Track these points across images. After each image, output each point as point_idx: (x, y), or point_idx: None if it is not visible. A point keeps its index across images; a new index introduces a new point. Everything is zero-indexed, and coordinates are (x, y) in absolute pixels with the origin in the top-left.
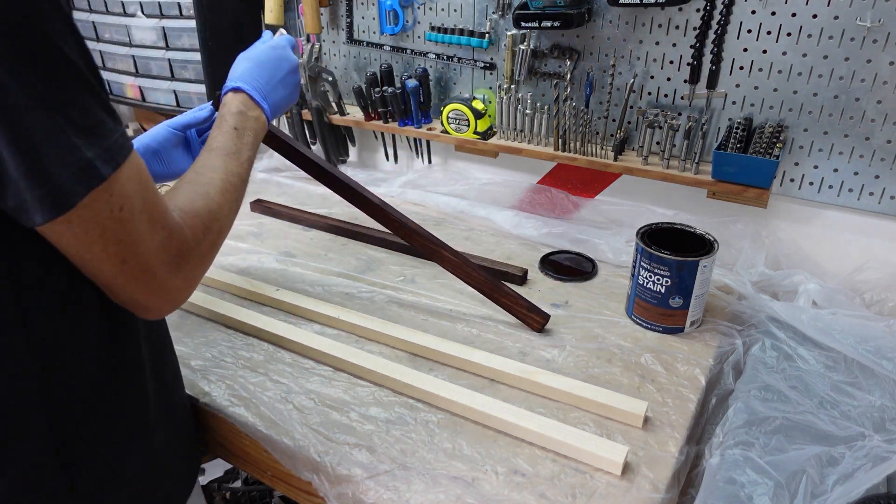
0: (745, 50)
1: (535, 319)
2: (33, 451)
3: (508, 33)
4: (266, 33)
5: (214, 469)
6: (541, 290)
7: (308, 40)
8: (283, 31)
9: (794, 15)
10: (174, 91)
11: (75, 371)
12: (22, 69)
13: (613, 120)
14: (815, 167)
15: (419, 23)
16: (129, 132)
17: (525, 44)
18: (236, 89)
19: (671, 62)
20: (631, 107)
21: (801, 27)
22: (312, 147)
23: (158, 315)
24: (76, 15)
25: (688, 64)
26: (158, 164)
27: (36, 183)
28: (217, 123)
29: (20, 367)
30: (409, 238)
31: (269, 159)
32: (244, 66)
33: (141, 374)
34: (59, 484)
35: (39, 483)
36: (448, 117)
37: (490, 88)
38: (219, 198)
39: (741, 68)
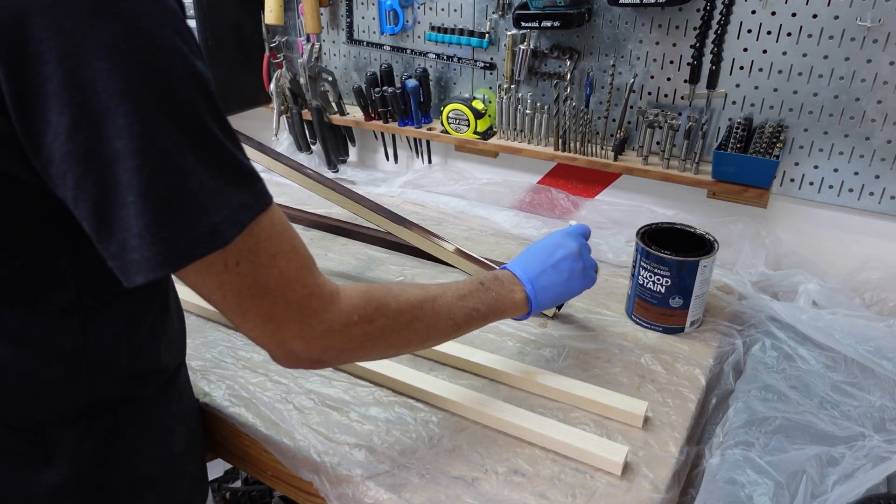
0: (745, 50)
1: None
2: (75, 450)
3: (508, 33)
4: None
5: (214, 469)
6: None
7: (308, 40)
8: (572, 221)
9: (794, 15)
10: None
11: (103, 374)
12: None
13: (613, 120)
14: (816, 167)
15: (419, 23)
16: None
17: (525, 44)
18: (505, 268)
19: (671, 62)
20: (631, 107)
21: (801, 27)
22: (312, 147)
23: (286, 366)
24: None
25: (688, 64)
26: None
27: (149, 241)
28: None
29: (56, 366)
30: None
31: None
32: (520, 254)
33: (162, 379)
34: (91, 486)
35: (77, 482)
36: (448, 117)
37: (490, 88)
38: (406, 306)
39: (741, 68)
